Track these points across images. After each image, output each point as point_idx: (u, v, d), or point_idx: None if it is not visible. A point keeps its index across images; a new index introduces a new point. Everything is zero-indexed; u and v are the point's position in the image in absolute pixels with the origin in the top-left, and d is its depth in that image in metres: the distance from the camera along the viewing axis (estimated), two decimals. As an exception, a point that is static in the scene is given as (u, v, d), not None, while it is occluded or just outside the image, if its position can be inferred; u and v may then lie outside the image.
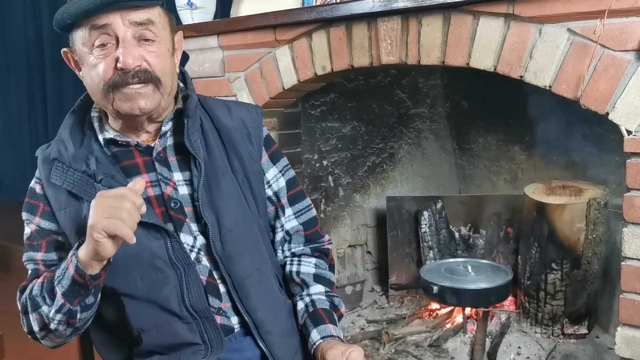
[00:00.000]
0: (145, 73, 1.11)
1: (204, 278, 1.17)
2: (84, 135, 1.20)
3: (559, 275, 2.06)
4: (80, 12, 1.09)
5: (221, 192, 1.20)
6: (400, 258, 2.60)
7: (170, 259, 1.14)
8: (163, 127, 1.21)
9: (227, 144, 1.25)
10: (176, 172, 1.20)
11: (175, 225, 1.17)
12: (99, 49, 1.11)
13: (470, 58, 1.66)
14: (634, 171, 1.40)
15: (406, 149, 2.80)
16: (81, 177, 1.14)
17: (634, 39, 1.36)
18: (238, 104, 1.34)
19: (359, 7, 1.82)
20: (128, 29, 1.10)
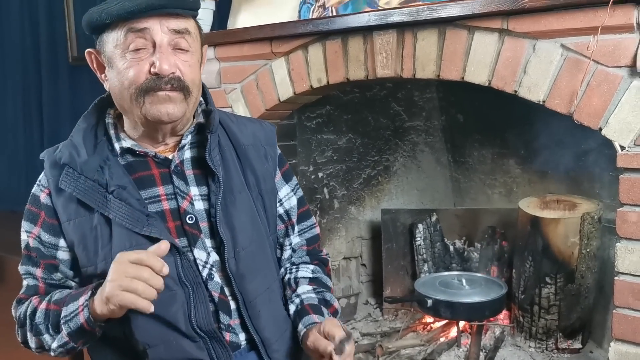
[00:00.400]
0: (178, 81, 1.12)
1: (216, 294, 1.16)
2: (96, 141, 1.17)
3: (553, 290, 2.06)
4: (122, 13, 1.08)
5: (237, 209, 1.19)
6: (395, 271, 2.60)
7: (180, 277, 1.12)
8: (183, 140, 1.20)
9: (243, 160, 1.25)
10: (193, 186, 1.19)
11: (190, 241, 1.16)
12: (134, 52, 1.10)
13: (465, 72, 1.67)
14: (627, 186, 1.41)
15: (401, 162, 2.81)
16: (92, 185, 1.12)
17: (627, 55, 1.38)
18: (252, 121, 1.35)
19: (354, 21, 1.83)
20: (165, 35, 1.11)
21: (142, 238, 1.11)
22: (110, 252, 1.11)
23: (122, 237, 1.11)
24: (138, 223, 1.11)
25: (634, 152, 1.38)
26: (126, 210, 1.11)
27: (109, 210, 1.11)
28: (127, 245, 1.11)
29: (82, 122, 1.20)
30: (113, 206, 1.11)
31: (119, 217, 1.11)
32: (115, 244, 1.11)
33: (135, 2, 1.08)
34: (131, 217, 1.11)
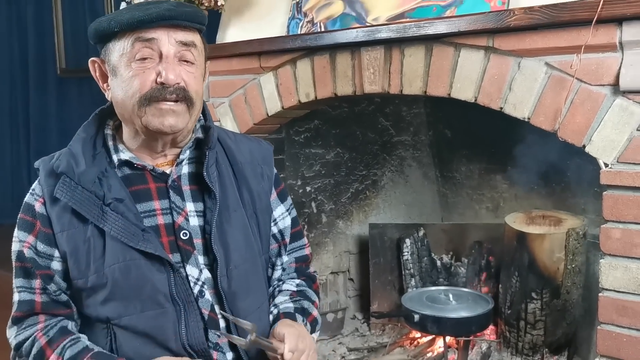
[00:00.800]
0: (183, 92, 1.12)
1: (206, 312, 1.15)
2: (95, 152, 1.17)
3: (539, 305, 2.06)
4: (132, 22, 1.09)
5: (232, 226, 1.19)
6: (382, 286, 2.59)
7: (172, 294, 1.11)
8: (181, 155, 1.20)
9: (240, 178, 1.25)
10: (189, 202, 1.19)
11: (183, 257, 1.15)
12: (140, 61, 1.11)
13: (452, 89, 1.69)
14: (610, 203, 1.42)
15: (389, 176, 2.82)
16: (89, 196, 1.11)
17: (610, 74, 1.40)
18: (250, 139, 1.35)
19: (342, 37, 1.85)
20: (172, 46, 1.12)
21: (136, 253, 1.11)
22: (103, 266, 1.10)
23: (116, 250, 1.10)
24: (134, 237, 1.10)
25: (617, 170, 1.40)
26: (122, 224, 1.10)
27: (105, 222, 1.10)
28: (120, 259, 1.10)
29: (82, 131, 1.20)
30: (109, 219, 1.10)
31: (114, 231, 1.10)
32: (108, 258, 1.10)
33: (146, 12, 1.09)
34: (127, 231, 1.10)
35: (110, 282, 1.10)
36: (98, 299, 1.12)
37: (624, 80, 1.36)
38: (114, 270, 1.10)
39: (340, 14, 1.96)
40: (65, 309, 1.17)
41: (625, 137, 1.38)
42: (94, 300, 1.13)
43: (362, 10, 1.91)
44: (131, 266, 1.11)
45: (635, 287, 1.39)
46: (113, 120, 1.23)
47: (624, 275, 1.41)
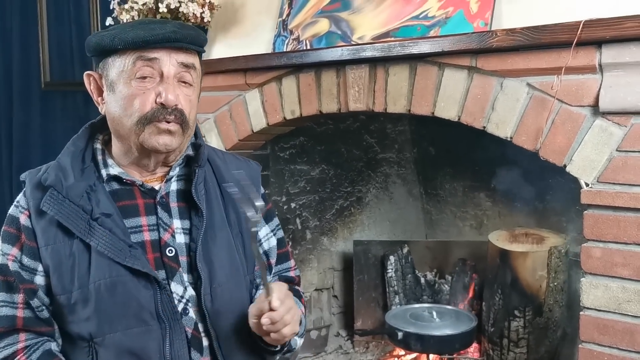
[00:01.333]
0: (181, 114, 1.13)
1: (189, 330, 1.13)
2: (84, 166, 1.16)
3: (521, 323, 2.07)
4: (137, 41, 1.09)
5: (217, 245, 1.18)
6: (366, 303, 2.59)
7: (157, 312, 1.10)
8: (171, 171, 1.20)
9: (227, 197, 1.24)
10: (176, 219, 1.18)
11: (168, 274, 1.14)
12: (140, 80, 1.11)
13: (436, 107, 1.71)
14: (591, 222, 1.44)
15: (374, 193, 2.83)
16: (77, 210, 1.10)
17: (590, 95, 1.42)
18: (238, 159, 1.35)
19: (328, 55, 1.86)
20: (173, 67, 1.12)
21: (123, 269, 1.09)
22: (87, 281, 1.09)
23: (102, 266, 1.09)
24: (121, 253, 1.09)
25: (597, 189, 1.42)
26: (109, 239, 1.09)
27: (92, 237, 1.09)
28: (106, 275, 1.09)
29: (71, 145, 1.19)
30: (96, 234, 1.09)
31: (101, 246, 1.09)
32: (94, 273, 1.09)
33: (151, 32, 1.09)
34: (114, 246, 1.09)
35: (95, 299, 1.09)
36: (81, 316, 1.10)
37: (603, 101, 1.39)
38: (99, 286, 1.09)
39: (325, 32, 1.98)
40: (46, 326, 1.15)
41: (604, 158, 1.40)
42: (77, 317, 1.11)
43: (347, 29, 1.92)
44: (117, 283, 1.09)
45: (616, 306, 1.40)
46: (103, 135, 1.22)
47: (605, 294, 1.42)
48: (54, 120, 3.83)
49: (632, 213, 1.37)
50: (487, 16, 1.62)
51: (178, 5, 2.08)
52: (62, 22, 3.63)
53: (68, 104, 3.72)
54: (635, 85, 1.34)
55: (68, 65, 3.66)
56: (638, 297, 1.37)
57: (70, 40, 3.61)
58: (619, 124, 1.38)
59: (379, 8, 1.87)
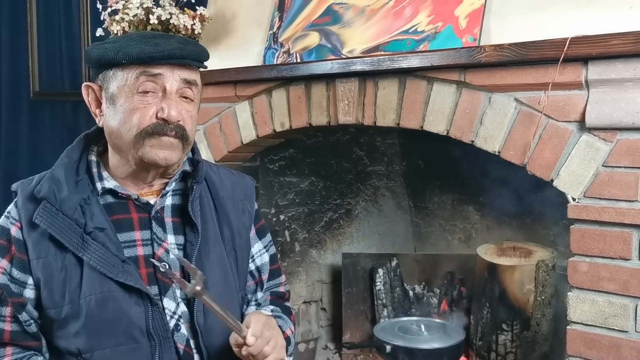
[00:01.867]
0: (182, 130, 1.13)
1: (181, 347, 1.13)
2: (77, 178, 1.14)
3: (509, 336, 2.07)
4: (142, 58, 1.08)
5: (210, 262, 1.18)
6: (355, 315, 2.58)
7: (148, 329, 1.09)
8: (167, 186, 1.19)
9: (221, 213, 1.24)
10: (170, 234, 1.17)
11: (160, 289, 1.13)
12: (142, 94, 1.10)
13: (424, 121, 1.72)
14: (577, 237, 1.45)
15: (363, 206, 2.83)
16: (70, 224, 1.09)
17: (576, 110, 1.44)
18: (233, 173, 1.35)
19: (318, 68, 1.87)
20: (176, 83, 1.12)
21: (114, 284, 1.08)
22: (78, 296, 1.08)
23: (93, 281, 1.08)
24: (113, 269, 1.08)
25: (583, 204, 1.43)
26: (102, 254, 1.08)
27: (84, 252, 1.08)
28: (97, 291, 1.08)
29: (65, 156, 1.18)
30: (89, 248, 1.08)
31: (93, 260, 1.07)
32: (85, 288, 1.08)
33: (157, 48, 1.08)
34: (107, 261, 1.08)
35: (85, 314, 1.08)
36: (70, 331, 1.09)
37: (589, 117, 1.40)
38: (89, 301, 1.08)
39: (316, 45, 1.99)
40: (34, 341, 1.13)
41: (591, 173, 1.42)
42: (66, 332, 1.10)
43: (337, 43, 1.94)
44: (108, 298, 1.08)
45: (602, 321, 1.41)
46: (97, 146, 1.22)
47: (591, 309, 1.43)
48: (42, 129, 3.81)
49: (617, 228, 1.38)
50: (476, 32, 1.63)
51: (169, 17, 2.09)
52: (52, 32, 3.62)
53: (57, 113, 3.71)
54: (621, 102, 1.36)
55: (57, 75, 3.65)
56: (624, 311, 1.38)
57: (60, 50, 3.60)
58: (605, 139, 1.40)
59: (369, 22, 1.88)
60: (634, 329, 1.37)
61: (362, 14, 1.91)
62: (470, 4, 1.67)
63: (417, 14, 1.77)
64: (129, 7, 2.08)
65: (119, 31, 2.10)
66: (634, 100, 1.34)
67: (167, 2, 2.14)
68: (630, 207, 1.36)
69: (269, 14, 2.16)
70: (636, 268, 1.36)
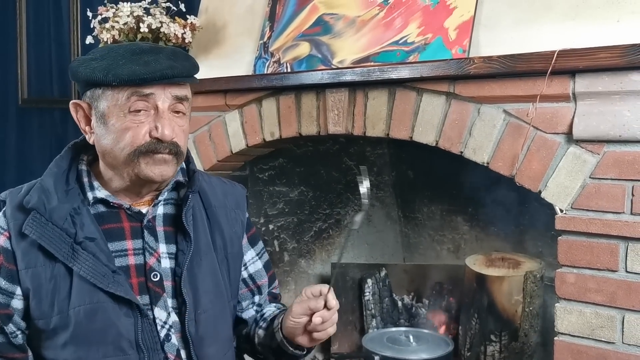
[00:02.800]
0: (176, 147, 1.12)
1: (172, 357, 1.12)
2: (67, 188, 1.13)
3: (497, 347, 2.07)
4: (134, 79, 1.06)
5: (202, 271, 1.17)
6: (344, 326, 2.57)
7: (137, 341, 1.08)
8: (160, 195, 1.19)
9: (213, 222, 1.24)
10: (162, 243, 1.17)
11: (152, 299, 1.12)
12: (133, 114, 1.09)
13: (414, 132, 1.72)
14: (565, 248, 1.45)
15: (352, 216, 2.83)
16: (60, 234, 1.08)
17: (564, 123, 1.45)
18: (224, 182, 1.35)
19: (308, 78, 1.88)
20: (167, 100, 1.11)
21: (104, 295, 1.07)
22: (67, 306, 1.07)
23: (83, 292, 1.07)
24: (104, 279, 1.07)
25: (571, 215, 1.44)
26: (92, 264, 1.07)
27: (74, 262, 1.07)
28: (87, 301, 1.07)
29: (54, 166, 1.17)
30: (79, 258, 1.07)
31: (83, 271, 1.07)
32: (74, 298, 1.07)
33: (147, 68, 1.07)
34: (97, 271, 1.07)
35: (74, 324, 1.07)
36: (58, 342, 1.08)
37: (577, 129, 1.42)
38: (78, 312, 1.07)
39: (306, 55, 1.99)
40: (20, 352, 1.12)
41: (578, 184, 1.43)
42: (54, 343, 1.09)
43: (328, 53, 1.94)
44: (97, 309, 1.07)
45: (590, 332, 1.42)
46: (87, 155, 1.21)
47: (579, 320, 1.43)
48: (30, 137, 3.79)
49: (604, 239, 1.39)
50: (465, 43, 1.65)
51: (159, 26, 2.09)
52: (42, 39, 3.61)
53: (45, 121, 3.69)
54: (608, 114, 1.37)
55: (46, 82, 3.63)
56: (611, 323, 1.39)
57: (49, 58, 3.59)
58: (592, 151, 1.41)
59: (359, 33, 1.89)
60: (620, 341, 1.38)
61: (352, 24, 1.92)
62: (460, 16, 1.68)
63: (407, 25, 1.79)
64: (120, 15, 2.08)
65: (109, 39, 2.10)
66: (621, 113, 1.36)
67: (158, 11, 2.14)
68: (617, 218, 1.37)
69: (259, 23, 2.17)
70: (623, 280, 1.37)
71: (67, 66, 3.53)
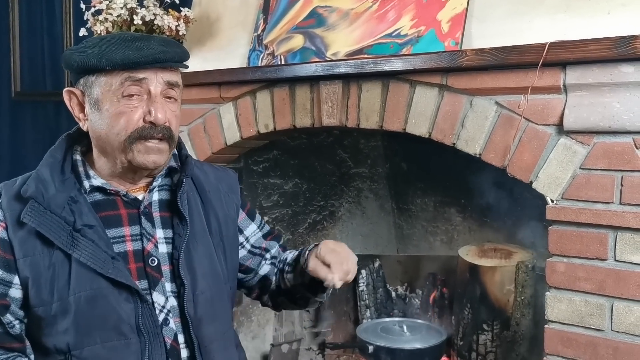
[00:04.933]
0: (169, 131, 1.14)
1: (169, 341, 1.13)
2: (63, 177, 1.15)
3: (489, 336, 2.10)
4: (126, 63, 1.09)
5: (198, 253, 1.19)
6: (338, 316, 2.60)
7: (137, 325, 1.10)
8: (154, 181, 1.20)
9: (207, 205, 1.26)
10: (159, 228, 1.18)
11: (150, 283, 1.14)
12: (127, 98, 1.11)
13: (407, 124, 1.74)
14: (555, 238, 1.48)
15: (346, 207, 2.85)
16: (58, 222, 1.09)
17: (555, 114, 1.47)
18: (216, 168, 1.38)
19: (302, 70, 1.89)
20: (160, 85, 1.13)
21: (104, 281, 1.09)
22: (67, 293, 1.08)
23: (83, 278, 1.08)
24: (104, 265, 1.08)
25: (561, 206, 1.46)
26: (92, 250, 1.09)
27: (74, 249, 1.08)
28: (87, 288, 1.08)
29: (49, 156, 1.18)
30: (79, 245, 1.08)
31: (83, 257, 1.08)
32: (74, 285, 1.08)
33: (140, 53, 1.09)
34: (97, 258, 1.08)
35: (74, 311, 1.08)
36: (59, 328, 1.09)
37: (567, 120, 1.43)
38: (79, 298, 1.08)
39: (300, 47, 2.00)
40: (17, 342, 1.13)
41: (569, 175, 1.45)
42: (55, 329, 1.10)
43: (321, 45, 1.95)
44: (98, 295, 1.09)
45: (579, 320, 1.44)
46: (81, 146, 1.22)
47: (568, 308, 1.46)
48: (23, 130, 3.77)
49: (593, 229, 1.41)
50: (458, 36, 1.66)
51: (153, 18, 2.09)
52: (35, 32, 3.59)
53: (38, 114, 3.67)
54: (598, 106, 1.39)
55: (39, 75, 3.62)
56: (600, 310, 1.41)
57: (42, 51, 3.57)
58: (582, 142, 1.43)
59: (352, 25, 1.90)
60: (609, 328, 1.41)
61: (346, 17, 1.92)
62: (453, 8, 1.69)
63: (400, 18, 1.80)
64: (113, 7, 2.08)
65: (102, 31, 2.10)
66: (610, 105, 1.38)
67: (151, 3, 2.13)
68: (606, 208, 1.40)
69: (253, 16, 2.17)
70: (612, 268, 1.40)
71: (60, 59, 3.52)
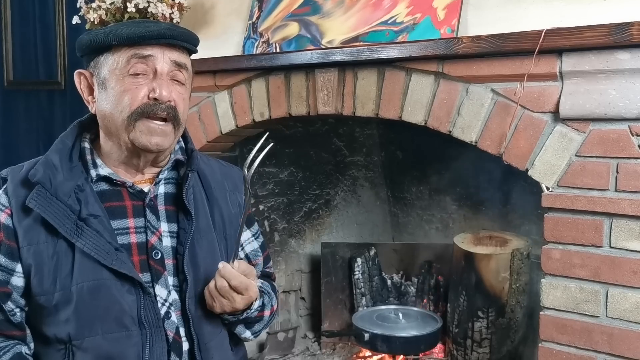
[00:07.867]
0: (174, 111, 1.14)
1: (171, 334, 1.13)
2: (71, 165, 1.14)
3: (484, 323, 2.12)
4: (132, 38, 1.09)
5: (202, 249, 1.19)
6: (334, 304, 2.60)
7: (139, 317, 1.10)
8: (161, 174, 1.20)
9: (212, 201, 1.25)
10: (164, 222, 1.18)
11: (153, 276, 1.14)
12: (133, 77, 1.11)
13: (403, 112, 1.73)
14: (551, 225, 1.48)
15: (342, 196, 2.85)
16: (64, 210, 1.08)
17: (551, 102, 1.47)
18: (222, 164, 1.37)
19: (297, 58, 1.88)
20: (166, 65, 1.13)
21: (107, 272, 1.08)
22: (70, 283, 1.07)
23: (86, 268, 1.08)
24: (108, 256, 1.08)
25: (557, 193, 1.46)
26: (96, 241, 1.08)
27: (78, 238, 1.08)
28: (90, 278, 1.08)
29: (60, 142, 1.17)
30: (83, 234, 1.08)
31: (87, 247, 1.07)
32: (77, 275, 1.08)
33: (146, 28, 1.10)
34: (101, 248, 1.08)
35: (76, 301, 1.07)
36: (60, 318, 1.09)
37: (563, 108, 1.43)
38: (81, 288, 1.08)
39: (295, 35, 1.99)
40: (18, 330, 1.13)
41: (564, 162, 1.45)
42: (56, 319, 1.09)
43: (317, 33, 1.94)
44: (100, 286, 1.08)
45: (574, 306, 1.45)
46: (90, 134, 1.22)
47: (564, 295, 1.47)
48: (16, 119, 3.75)
49: (589, 216, 1.42)
50: (454, 23, 1.65)
51: (147, 5, 2.07)
52: (27, 21, 3.56)
53: (31, 103, 3.65)
54: (594, 93, 1.39)
55: (32, 64, 3.58)
56: (595, 297, 1.42)
57: (34, 39, 3.53)
58: (578, 130, 1.43)
59: (348, 13, 1.89)
60: (604, 314, 1.42)
61: (341, 4, 1.91)
62: (448, -5, 1.69)
63: (396, 5, 1.79)
64: (106, -6, 2.06)
65: (95, 19, 2.08)
66: (606, 92, 1.38)
67: (145, -10, 2.11)
68: (601, 195, 1.40)
69: (248, 3, 2.16)
70: (607, 255, 1.40)
71: (53, 47, 3.49)
